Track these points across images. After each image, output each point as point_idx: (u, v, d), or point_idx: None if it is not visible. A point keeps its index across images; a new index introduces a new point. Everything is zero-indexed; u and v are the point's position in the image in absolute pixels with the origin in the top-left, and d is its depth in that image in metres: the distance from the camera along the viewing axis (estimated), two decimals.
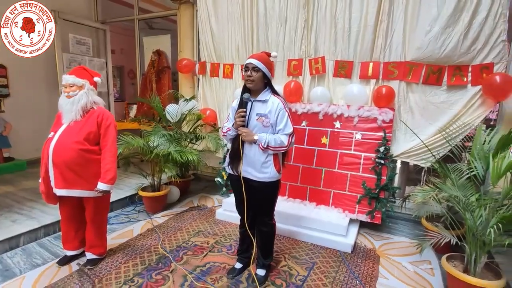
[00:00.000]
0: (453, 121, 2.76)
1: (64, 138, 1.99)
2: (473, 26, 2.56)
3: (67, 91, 2.03)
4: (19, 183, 3.84)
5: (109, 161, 2.07)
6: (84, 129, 2.02)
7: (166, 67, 4.84)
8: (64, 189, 2.01)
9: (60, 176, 1.98)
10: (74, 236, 2.26)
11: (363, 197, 2.86)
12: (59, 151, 1.96)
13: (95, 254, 2.28)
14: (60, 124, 2.06)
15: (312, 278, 2.20)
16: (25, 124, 4.65)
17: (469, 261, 1.96)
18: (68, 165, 1.97)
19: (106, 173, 2.05)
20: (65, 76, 2.07)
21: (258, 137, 1.89)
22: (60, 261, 2.28)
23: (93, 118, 2.06)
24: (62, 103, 2.05)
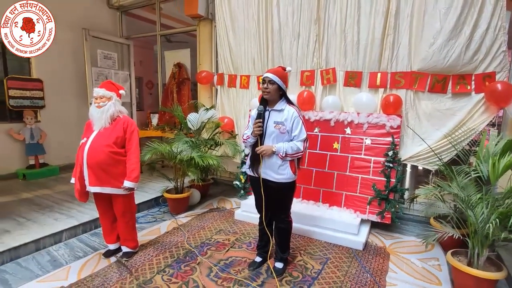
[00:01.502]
0: (458, 126, 2.92)
1: (96, 143, 2.27)
2: (474, 38, 2.75)
3: (97, 102, 2.32)
4: (55, 187, 4.19)
5: (134, 161, 2.35)
6: (112, 134, 2.31)
7: (186, 79, 5.18)
8: (97, 186, 2.31)
9: (94, 175, 2.28)
10: (111, 229, 2.55)
11: (373, 198, 3.04)
12: (92, 154, 2.25)
13: (129, 247, 2.56)
14: (91, 131, 2.34)
15: (326, 271, 2.40)
16: (58, 133, 5.05)
17: (472, 255, 2.12)
18: (100, 165, 2.26)
19: (131, 172, 2.33)
20: (96, 89, 2.36)
21: (276, 148, 2.12)
22: (105, 254, 2.57)
23: (119, 124, 2.36)
24: (93, 113, 2.32)
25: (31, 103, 4.65)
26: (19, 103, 4.52)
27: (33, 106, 4.69)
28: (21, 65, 4.69)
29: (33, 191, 3.95)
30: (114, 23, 5.84)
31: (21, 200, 3.63)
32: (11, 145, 4.53)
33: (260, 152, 2.13)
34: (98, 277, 2.26)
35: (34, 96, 4.67)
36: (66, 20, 5.01)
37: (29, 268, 2.40)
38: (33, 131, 4.63)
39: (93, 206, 3.42)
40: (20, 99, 4.51)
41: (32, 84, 4.65)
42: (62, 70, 5.07)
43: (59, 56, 4.98)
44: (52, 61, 4.88)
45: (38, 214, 3.17)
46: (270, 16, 3.67)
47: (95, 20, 5.40)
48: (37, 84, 4.71)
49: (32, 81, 4.66)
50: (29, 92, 4.60)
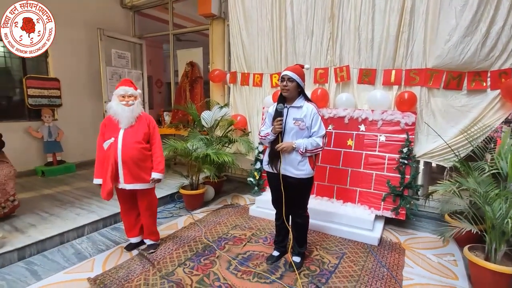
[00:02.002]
0: (474, 123, 2.92)
1: (127, 140, 2.35)
2: (490, 35, 2.74)
3: (127, 100, 2.37)
4: (73, 183, 4.31)
5: (159, 154, 2.48)
6: (140, 131, 2.41)
7: (198, 77, 5.25)
8: (132, 183, 2.38)
9: (129, 172, 2.36)
10: (134, 224, 2.63)
11: (388, 194, 3.07)
12: (126, 151, 2.33)
13: (153, 240, 2.66)
14: (115, 129, 2.38)
15: (342, 266, 2.45)
16: (74, 131, 5.18)
17: (489, 250, 2.15)
18: (135, 161, 2.35)
19: (158, 164, 2.46)
20: (126, 87, 2.40)
21: (296, 145, 2.17)
22: (127, 247, 2.66)
23: (143, 121, 2.45)
24: (120, 111, 2.35)
25: (49, 102, 4.78)
26: (38, 102, 4.64)
27: (50, 104, 4.81)
28: (39, 65, 4.81)
29: (53, 188, 4.07)
30: (127, 23, 5.95)
31: (42, 196, 3.75)
32: (30, 142, 4.67)
33: (281, 149, 2.18)
34: (122, 269, 2.35)
35: (51, 95, 4.79)
36: (81, 20, 5.13)
37: (56, 260, 2.50)
38: (50, 129, 4.75)
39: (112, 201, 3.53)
40: (38, 98, 4.64)
41: (50, 83, 4.78)
42: (78, 69, 5.18)
43: (75, 55, 5.10)
44: (69, 61, 5.00)
45: (60, 209, 3.28)
46: (284, 14, 3.70)
47: (108, 20, 5.51)
48: (55, 83, 4.84)
49: (49, 80, 4.79)
50: (47, 91, 4.73)
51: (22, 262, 2.47)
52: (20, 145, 4.47)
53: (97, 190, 3.89)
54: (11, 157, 3.11)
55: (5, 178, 2.90)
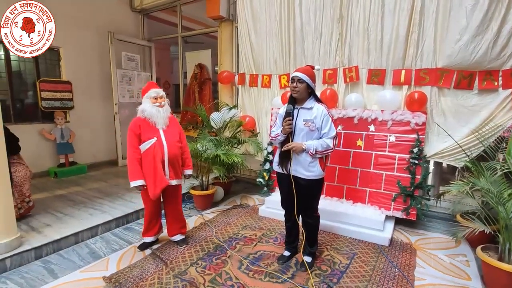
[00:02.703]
0: (485, 122, 2.90)
1: (169, 139, 2.51)
2: (502, 34, 2.72)
3: (159, 101, 2.48)
4: (85, 184, 4.39)
5: (188, 153, 2.73)
6: (175, 131, 2.60)
7: (207, 79, 5.30)
8: (175, 179, 2.57)
9: (173, 169, 2.54)
10: (156, 223, 2.72)
11: (398, 195, 3.06)
12: (171, 149, 2.50)
13: (184, 233, 2.83)
14: (154, 130, 2.47)
15: (353, 266, 2.45)
16: (85, 133, 5.27)
17: (503, 250, 2.13)
18: (177, 159, 2.56)
19: (189, 162, 2.72)
20: (157, 89, 2.52)
21: (306, 146, 2.18)
22: (140, 247, 2.71)
23: (175, 122, 2.65)
24: (155, 112, 2.45)
25: (61, 104, 4.87)
26: (50, 104, 4.74)
27: (63, 107, 4.91)
28: (52, 68, 4.92)
29: (66, 188, 4.16)
30: (136, 26, 6.03)
31: (55, 196, 3.83)
32: (43, 144, 4.77)
33: (290, 148, 2.19)
34: (136, 268, 2.39)
35: (64, 97, 4.89)
36: (92, 24, 5.22)
37: (71, 259, 2.56)
38: (63, 131, 4.85)
39: (123, 201, 3.63)
40: (51, 101, 4.74)
41: (62, 86, 4.87)
42: (89, 72, 5.28)
43: (87, 58, 5.20)
44: (80, 64, 5.10)
45: (74, 210, 3.35)
46: (293, 15, 3.72)
47: (119, 23, 5.60)
48: (67, 86, 4.93)
49: (62, 83, 4.88)
50: (59, 94, 4.82)
51: (39, 261, 2.53)
52: (34, 147, 4.57)
53: (108, 190, 4.01)
54: (25, 159, 3.19)
55: (21, 179, 2.98)
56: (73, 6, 4.87)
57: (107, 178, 4.73)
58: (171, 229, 2.75)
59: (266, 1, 3.92)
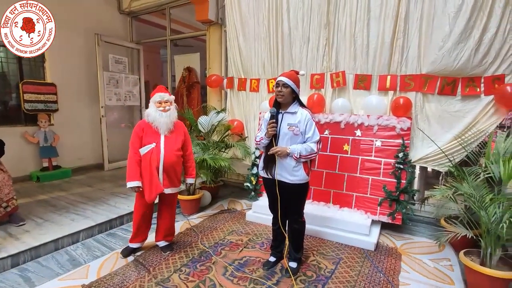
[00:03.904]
0: (468, 128, 2.95)
1: (168, 147, 2.43)
2: (483, 42, 2.79)
3: (163, 106, 2.42)
4: (69, 189, 4.27)
5: (192, 161, 2.67)
6: (178, 139, 2.51)
7: (196, 82, 5.27)
8: (169, 188, 2.50)
9: (168, 177, 2.47)
10: (144, 230, 2.66)
11: (384, 199, 3.08)
12: (168, 158, 2.42)
13: (170, 240, 2.75)
14: (155, 135, 2.43)
15: (339, 271, 2.44)
16: (70, 136, 5.14)
17: (485, 255, 2.16)
18: (174, 168, 2.48)
19: (192, 170, 2.66)
20: (162, 93, 2.45)
21: (291, 150, 2.17)
22: (123, 252, 2.62)
23: (179, 129, 2.55)
24: (158, 117, 2.40)
25: (45, 107, 4.75)
26: (34, 107, 4.62)
27: (47, 109, 4.79)
28: (36, 70, 4.81)
29: (48, 193, 4.04)
30: (124, 28, 5.97)
31: (37, 201, 3.71)
32: (26, 148, 4.63)
33: (275, 152, 2.18)
34: (117, 275, 2.33)
35: (48, 100, 4.77)
36: (79, 25, 5.14)
37: (50, 267, 2.47)
38: (46, 134, 4.73)
39: (107, 206, 3.55)
40: (34, 103, 4.62)
41: (46, 88, 4.76)
42: (75, 74, 5.17)
43: (72, 60, 5.10)
44: (66, 66, 4.99)
45: (55, 215, 3.25)
46: (280, 20, 3.74)
47: (106, 26, 5.53)
48: (51, 88, 4.82)
49: (46, 85, 4.77)
50: (43, 96, 4.71)
51: (15, 269, 2.43)
52: (16, 150, 4.44)
53: (92, 195, 3.92)
54: (7, 162, 3.08)
55: None
56: (60, 7, 4.76)
57: (92, 182, 4.63)
58: (158, 234, 2.71)
59: (254, 6, 3.93)
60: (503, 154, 2.42)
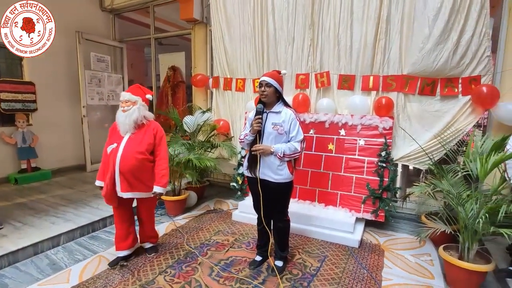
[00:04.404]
0: (447, 127, 3.05)
1: (128, 149, 2.27)
2: (461, 44, 2.89)
3: (123, 105, 2.31)
4: (49, 191, 4.14)
5: (163, 167, 2.38)
6: (144, 141, 2.32)
7: (180, 82, 5.21)
8: (129, 192, 2.32)
9: (126, 181, 2.28)
10: (127, 234, 2.50)
11: (367, 197, 3.14)
12: (125, 161, 2.25)
13: (153, 242, 2.68)
14: (119, 136, 2.33)
15: (324, 269, 2.47)
16: (50, 137, 4.98)
17: (463, 249, 2.23)
18: (133, 172, 2.27)
19: (162, 178, 2.36)
20: (123, 93, 2.36)
21: (274, 149, 2.18)
22: (111, 263, 2.46)
23: (150, 130, 2.36)
24: (118, 116, 2.32)
25: (23, 106, 4.58)
26: (11, 107, 4.45)
27: (25, 109, 4.62)
28: (13, 68, 4.63)
29: (27, 196, 3.90)
30: (107, 26, 5.82)
31: (15, 204, 3.58)
32: (3, 149, 4.46)
33: (258, 149, 2.18)
34: (100, 279, 2.27)
35: (26, 99, 4.61)
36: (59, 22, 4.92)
37: (29, 272, 2.39)
38: (25, 135, 4.56)
39: (89, 209, 3.47)
40: (12, 102, 4.44)
41: (24, 87, 4.59)
42: (55, 73, 5.02)
43: (52, 58, 4.92)
44: (45, 64, 4.82)
45: (34, 218, 3.14)
46: (266, 21, 3.75)
47: (88, 23, 5.37)
48: (29, 87, 4.66)
49: (24, 84, 4.60)
50: (21, 95, 4.54)
51: None
52: None
53: (73, 197, 3.82)
54: None
55: None
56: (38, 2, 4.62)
57: (74, 184, 4.50)
58: (141, 236, 2.66)
59: (239, 5, 3.93)
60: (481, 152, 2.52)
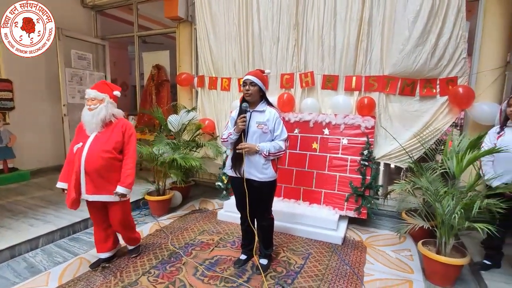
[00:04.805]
0: (426, 127, 3.16)
1: (94, 148, 2.15)
2: (439, 46, 2.99)
3: (89, 104, 2.19)
4: (27, 192, 4.00)
5: (130, 166, 2.25)
6: (111, 139, 2.20)
7: (165, 81, 5.14)
8: (94, 194, 2.20)
9: (91, 183, 2.17)
10: (105, 237, 2.42)
11: (350, 195, 3.21)
12: (91, 160, 2.13)
13: (134, 245, 2.59)
14: (85, 135, 2.21)
15: (308, 266, 2.51)
16: (28, 136, 4.82)
17: (440, 244, 2.32)
18: (99, 172, 2.15)
19: (126, 178, 2.23)
20: (88, 90, 2.21)
21: (260, 147, 2.19)
22: (93, 265, 2.41)
23: (118, 128, 2.25)
24: (84, 115, 2.20)
25: None
26: None
27: (1, 107, 4.45)
28: None
29: (4, 198, 3.75)
30: (88, 23, 5.68)
31: None
32: None
33: (244, 148, 2.18)
34: (81, 281, 2.23)
35: (2, 97, 4.43)
36: None
37: (4, 276, 2.31)
38: (1, 134, 4.39)
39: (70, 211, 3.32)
40: None
41: (1, 84, 4.42)
42: (33, 70, 4.85)
43: None
44: (23, 61, 4.60)
45: (12, 221, 3.03)
46: (251, 20, 3.76)
47: (68, 20, 5.21)
48: (6, 85, 4.48)
49: (0, 81, 4.42)
50: None
51: None
52: None
53: (53, 199, 3.71)
54: None
55: None
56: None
57: (54, 185, 4.27)
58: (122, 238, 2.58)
59: (224, 5, 3.92)
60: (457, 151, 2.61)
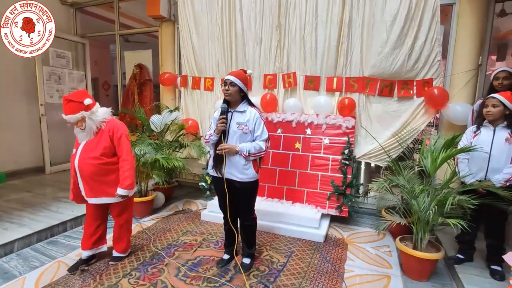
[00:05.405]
0: (403, 126, 3.26)
1: (84, 155, 2.21)
2: (415, 49, 3.10)
3: (78, 126, 2.18)
4: (2, 195, 3.84)
5: (126, 168, 2.27)
6: (99, 145, 2.21)
7: (147, 80, 5.07)
8: (93, 198, 2.27)
9: (88, 186, 2.23)
10: (93, 233, 2.41)
11: (332, 194, 3.27)
12: (82, 166, 2.20)
13: (119, 252, 2.53)
14: (78, 142, 2.27)
15: (290, 264, 2.54)
16: (3, 137, 4.63)
17: (416, 239, 2.40)
18: (92, 178, 2.21)
19: (124, 179, 2.26)
20: (64, 116, 2.13)
21: (239, 148, 2.20)
22: (71, 268, 2.37)
23: (105, 133, 2.24)
24: (77, 132, 2.24)
25: None
26: None
27: None
28: None
29: None
30: (67, 20, 5.52)
31: None
32: None
33: (224, 149, 2.19)
34: (59, 285, 2.17)
35: None
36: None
37: None
38: None
39: (48, 212, 3.32)
40: None
41: None
42: (8, 68, 4.66)
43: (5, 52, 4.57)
44: None
45: None
46: (234, 20, 3.77)
47: None
48: None
49: None
50: None
51: None
52: None
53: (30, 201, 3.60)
54: None
55: None
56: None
57: (31, 187, 4.22)
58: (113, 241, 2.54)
59: (207, 4, 3.91)
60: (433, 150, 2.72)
